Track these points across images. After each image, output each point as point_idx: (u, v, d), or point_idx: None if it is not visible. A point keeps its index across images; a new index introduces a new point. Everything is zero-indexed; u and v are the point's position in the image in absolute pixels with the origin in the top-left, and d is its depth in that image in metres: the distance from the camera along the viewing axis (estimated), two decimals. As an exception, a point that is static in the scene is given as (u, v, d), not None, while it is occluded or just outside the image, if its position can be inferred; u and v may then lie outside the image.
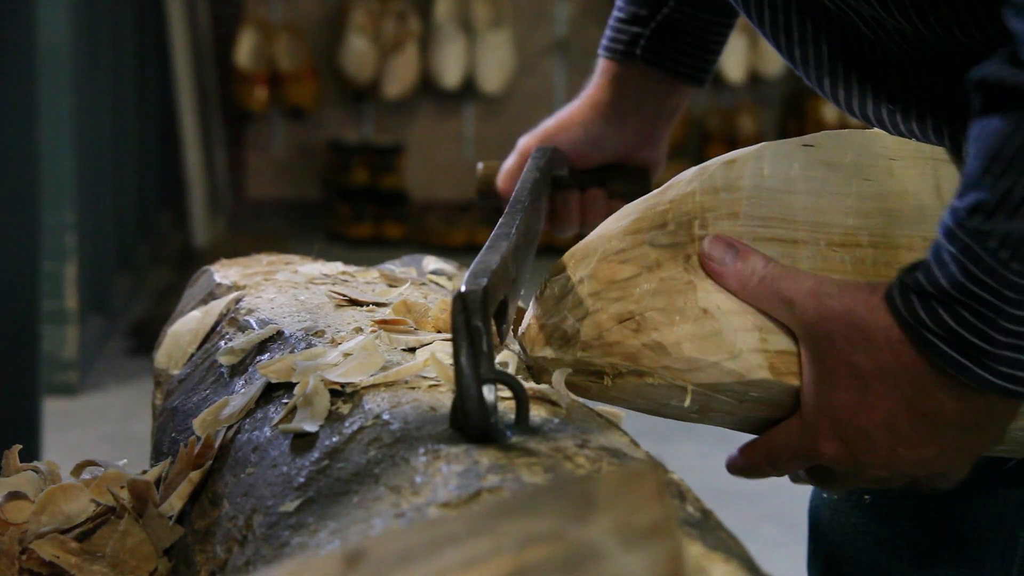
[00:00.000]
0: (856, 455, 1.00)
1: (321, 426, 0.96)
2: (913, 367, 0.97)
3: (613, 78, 1.42)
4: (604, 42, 1.43)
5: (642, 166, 1.45)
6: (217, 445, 1.02)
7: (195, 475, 1.01)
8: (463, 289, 0.92)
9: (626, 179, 1.44)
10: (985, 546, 1.22)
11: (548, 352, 1.04)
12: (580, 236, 1.12)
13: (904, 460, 1.00)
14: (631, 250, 1.04)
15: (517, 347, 1.08)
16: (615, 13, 1.42)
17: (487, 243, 1.02)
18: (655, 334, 1.01)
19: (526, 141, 1.43)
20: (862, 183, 1.05)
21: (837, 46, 1.10)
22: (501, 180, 1.45)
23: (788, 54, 1.12)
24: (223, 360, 1.13)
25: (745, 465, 1.06)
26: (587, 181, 1.43)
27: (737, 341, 1.01)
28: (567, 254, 1.07)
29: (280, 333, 1.12)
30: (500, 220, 1.07)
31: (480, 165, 1.50)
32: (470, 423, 0.90)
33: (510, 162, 1.44)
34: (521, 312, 1.10)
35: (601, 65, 1.43)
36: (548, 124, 1.43)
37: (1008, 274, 0.92)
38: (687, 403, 1.03)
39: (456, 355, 0.90)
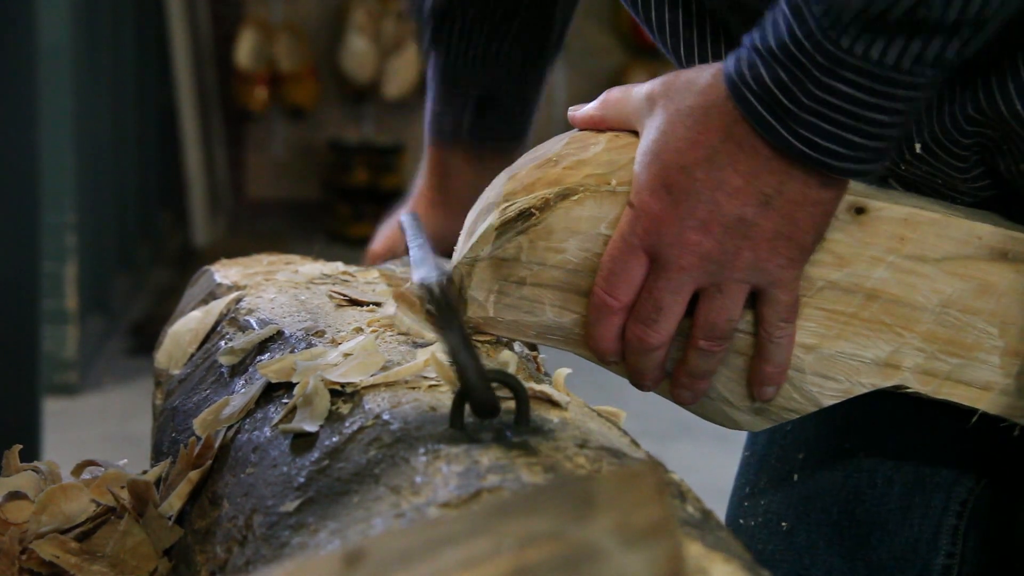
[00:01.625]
0: (679, 202, 1.01)
1: (321, 426, 0.96)
2: (731, 121, 0.99)
3: (439, 163, 1.46)
4: (427, 134, 1.46)
5: None
6: (217, 445, 1.02)
7: (194, 475, 1.01)
8: (428, 282, 0.93)
9: None
10: (902, 573, 1.23)
11: (472, 240, 1.07)
12: None
13: (724, 217, 1.00)
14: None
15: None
16: (431, 107, 1.46)
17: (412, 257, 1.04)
18: (573, 158, 1.07)
19: (372, 248, 1.47)
20: None
21: (706, 32, 1.14)
22: (368, 261, 1.47)
23: (670, 49, 1.16)
24: (223, 360, 1.13)
25: (592, 312, 1.06)
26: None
27: None
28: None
29: (280, 333, 1.12)
30: (409, 244, 1.10)
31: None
32: (478, 411, 0.90)
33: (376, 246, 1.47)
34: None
35: (428, 153, 1.47)
36: (388, 231, 1.47)
37: (824, 41, 0.95)
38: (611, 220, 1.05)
39: (453, 352, 0.90)
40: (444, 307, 0.91)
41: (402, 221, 1.33)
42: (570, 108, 1.11)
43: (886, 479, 1.23)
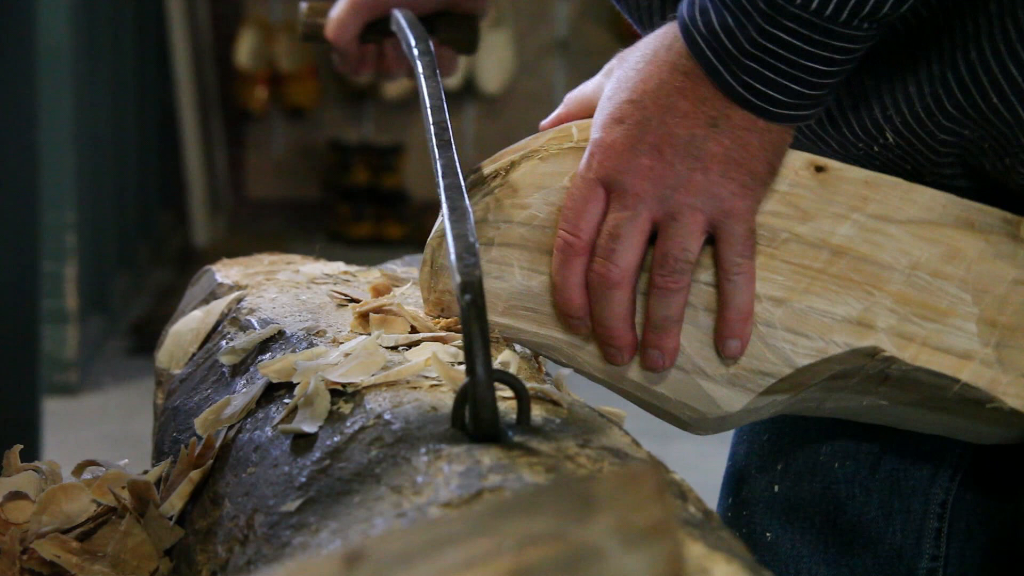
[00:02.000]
0: (630, 130, 1.03)
1: (322, 426, 0.96)
2: (681, 56, 1.03)
3: None
4: None
5: (468, 14, 1.47)
6: (218, 445, 1.02)
7: (195, 474, 1.01)
8: (466, 292, 0.91)
9: (454, 27, 1.47)
10: None
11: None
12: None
13: (674, 139, 1.03)
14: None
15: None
16: None
17: (445, 198, 1.04)
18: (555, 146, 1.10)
19: None
20: None
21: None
22: (330, 30, 1.44)
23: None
24: (224, 360, 1.13)
25: (557, 256, 1.07)
26: None
27: None
28: None
29: (281, 333, 1.12)
30: (441, 161, 1.09)
31: (303, 6, 1.50)
32: (479, 430, 0.89)
33: (338, 12, 1.44)
34: None
35: None
36: None
37: None
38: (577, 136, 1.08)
39: (471, 360, 0.89)
40: (480, 325, 0.91)
41: (395, 26, 1.33)
42: (541, 123, 1.13)
43: (864, 488, 1.24)
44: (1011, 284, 1.10)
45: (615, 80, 1.06)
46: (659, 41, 1.05)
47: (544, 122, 1.13)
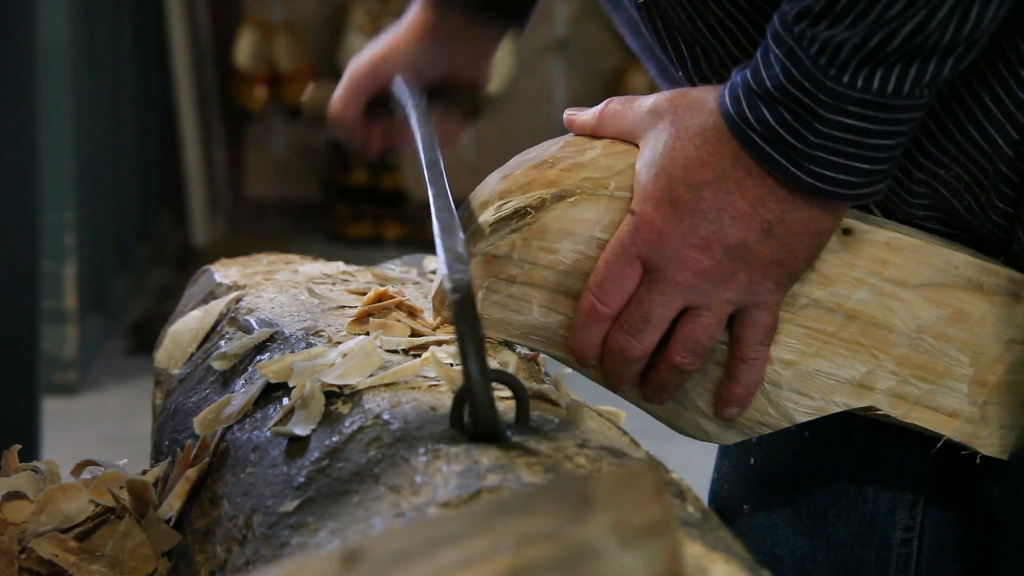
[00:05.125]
0: (683, 218, 1.02)
1: (320, 426, 0.96)
2: (740, 147, 1.01)
3: (428, 17, 1.42)
4: None
5: (471, 83, 1.46)
6: (213, 445, 1.02)
7: (192, 472, 1.01)
8: (455, 292, 0.92)
9: (458, 97, 1.46)
10: (860, 550, 1.24)
11: (465, 236, 1.06)
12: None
13: (726, 239, 1.02)
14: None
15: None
16: None
17: (436, 219, 1.03)
18: (570, 161, 1.07)
19: (355, 67, 1.43)
20: None
21: None
22: (335, 107, 1.44)
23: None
24: (216, 365, 1.13)
25: (581, 316, 1.07)
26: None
27: None
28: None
29: (276, 335, 1.12)
30: (432, 190, 1.08)
31: (308, 90, 1.52)
32: (478, 428, 0.89)
33: (341, 89, 1.44)
34: None
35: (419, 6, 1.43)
36: (376, 49, 1.42)
37: (825, 79, 0.97)
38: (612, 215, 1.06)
39: (465, 362, 0.90)
40: (469, 324, 0.91)
41: (395, 89, 1.34)
42: (567, 110, 1.11)
43: (835, 457, 1.25)
44: (1006, 344, 1.11)
45: (668, 144, 1.04)
46: (717, 119, 1.02)
47: (573, 121, 1.10)
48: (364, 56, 1.43)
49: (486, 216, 1.07)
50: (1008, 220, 1.11)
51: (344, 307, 1.17)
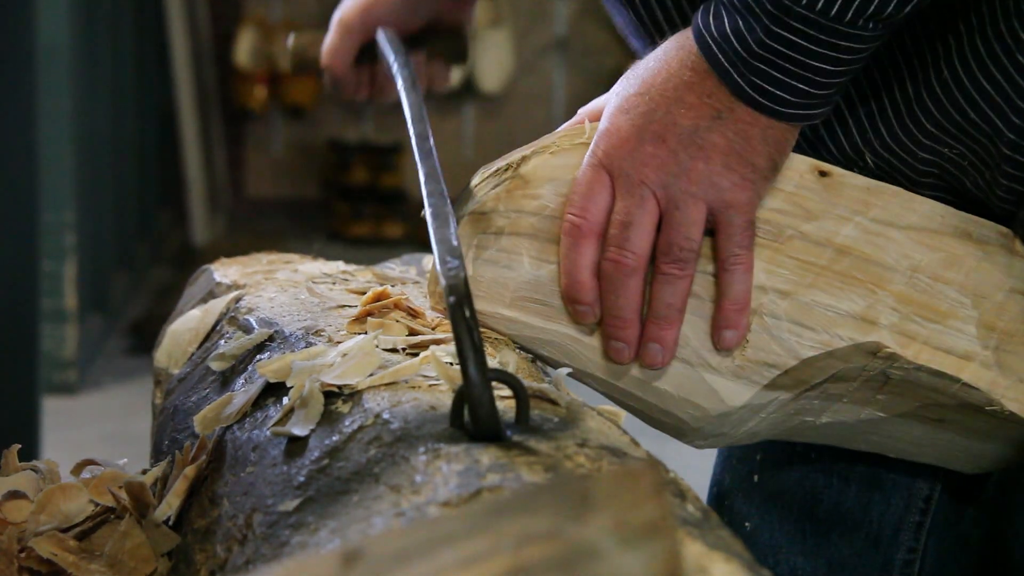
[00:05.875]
0: (636, 121, 1.06)
1: (320, 425, 0.96)
2: (691, 55, 1.05)
3: None
4: None
5: (455, 25, 1.48)
6: (212, 444, 1.02)
7: (190, 470, 1.01)
8: (451, 294, 0.92)
9: (442, 40, 1.48)
10: (862, 571, 1.24)
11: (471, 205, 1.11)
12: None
13: (678, 128, 1.05)
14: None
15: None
16: None
17: (428, 205, 1.06)
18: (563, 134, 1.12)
19: (341, 14, 1.44)
20: None
21: None
22: (326, 57, 1.46)
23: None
24: (214, 365, 1.13)
25: (565, 241, 1.08)
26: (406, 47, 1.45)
27: None
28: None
29: (275, 335, 1.12)
30: (423, 170, 1.12)
31: (291, 38, 1.53)
32: (478, 428, 0.89)
33: (331, 39, 1.45)
34: None
35: None
36: None
37: None
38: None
39: (463, 362, 0.90)
40: (467, 325, 0.91)
41: (379, 43, 1.35)
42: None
43: (842, 478, 1.25)
44: (1008, 293, 1.12)
45: (625, 79, 1.09)
46: (671, 43, 1.07)
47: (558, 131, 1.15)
48: (350, 5, 1.45)
49: (474, 179, 1.12)
50: (1015, 196, 1.12)
51: (344, 306, 1.17)
